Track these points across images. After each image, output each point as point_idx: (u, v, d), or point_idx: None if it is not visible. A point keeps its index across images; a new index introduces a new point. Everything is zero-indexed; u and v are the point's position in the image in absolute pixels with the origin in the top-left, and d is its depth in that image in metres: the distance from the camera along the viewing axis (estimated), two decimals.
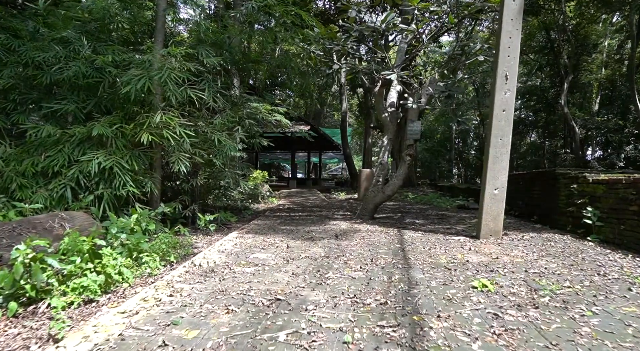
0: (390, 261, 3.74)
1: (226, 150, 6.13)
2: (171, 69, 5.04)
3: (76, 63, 5.06)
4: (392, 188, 7.32)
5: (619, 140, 19.44)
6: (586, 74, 21.07)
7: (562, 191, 5.53)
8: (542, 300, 2.48)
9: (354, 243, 4.84)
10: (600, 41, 19.94)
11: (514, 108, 5.08)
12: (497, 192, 5.05)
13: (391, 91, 7.80)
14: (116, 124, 4.86)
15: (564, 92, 18.12)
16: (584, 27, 18.30)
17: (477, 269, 3.34)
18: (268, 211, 8.99)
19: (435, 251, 4.29)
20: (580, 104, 22.83)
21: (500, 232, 5.05)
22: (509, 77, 5.02)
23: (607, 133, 19.75)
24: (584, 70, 20.66)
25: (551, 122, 23.29)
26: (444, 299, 2.57)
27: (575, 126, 18.66)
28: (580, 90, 21.92)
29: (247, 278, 3.13)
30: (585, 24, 18.12)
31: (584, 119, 20.54)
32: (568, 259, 3.65)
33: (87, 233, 3.86)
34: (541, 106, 22.50)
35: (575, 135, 18.83)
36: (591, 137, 22.05)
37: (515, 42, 5.02)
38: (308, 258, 3.94)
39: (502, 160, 5.05)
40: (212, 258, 3.88)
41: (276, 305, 2.48)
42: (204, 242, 5.22)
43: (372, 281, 3.04)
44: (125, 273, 3.10)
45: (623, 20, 18.21)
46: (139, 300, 2.54)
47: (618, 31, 19.51)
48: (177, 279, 3.06)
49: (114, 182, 4.67)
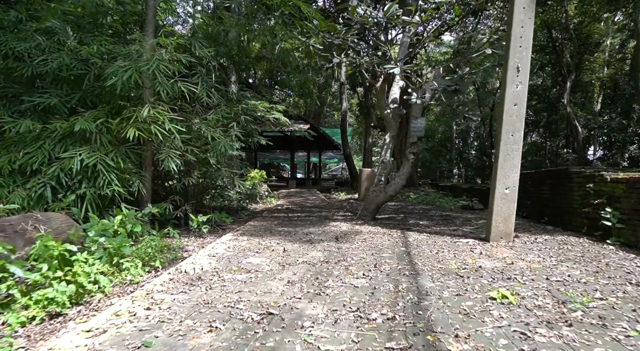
0: (395, 267, 3.42)
1: (220, 147, 5.82)
2: (160, 60, 4.72)
3: (60, 54, 4.74)
4: (395, 187, 7.00)
5: (623, 139, 19.20)
6: (588, 73, 20.82)
7: (576, 191, 5.21)
8: (573, 315, 2.16)
9: (356, 246, 4.52)
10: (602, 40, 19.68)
11: (526, 102, 4.77)
12: (508, 192, 4.73)
13: (393, 87, 7.48)
14: (101, 118, 4.54)
15: (566, 92, 17.84)
16: (587, 25, 18.04)
17: (493, 277, 3.02)
18: (266, 212, 8.67)
19: (444, 255, 3.97)
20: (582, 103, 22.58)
21: (512, 234, 4.74)
22: (521, 69, 4.70)
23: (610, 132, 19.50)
24: (585, 69, 20.41)
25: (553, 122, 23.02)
26: (460, 313, 2.25)
27: (578, 126, 18.39)
28: (582, 89, 21.67)
29: (237, 287, 2.81)
30: (588, 22, 17.86)
31: (587, 119, 20.27)
32: (591, 265, 3.33)
33: (65, 236, 3.55)
34: (543, 105, 22.23)
35: (578, 135, 18.56)
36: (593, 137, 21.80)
37: (527, 31, 4.70)
38: (306, 263, 3.62)
39: (514, 157, 4.73)
40: (201, 263, 3.56)
41: (268, 320, 2.16)
42: (195, 245, 4.90)
43: (376, 290, 2.72)
44: (102, 281, 2.79)
45: (625, 19, 17.98)
46: (110, 314, 2.22)
47: (620, 30, 19.26)
48: (159, 289, 2.73)
49: (97, 180, 4.35)
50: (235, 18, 7.19)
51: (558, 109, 21.51)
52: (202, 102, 6.09)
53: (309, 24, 6.79)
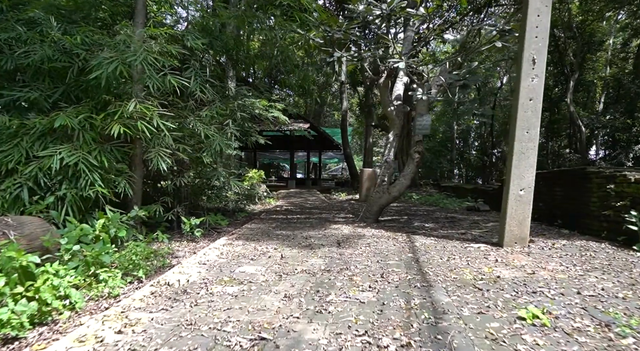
0: (404, 277, 3.09)
1: (215, 146, 5.48)
2: (149, 51, 4.38)
3: (42, 46, 4.41)
4: (399, 188, 6.66)
5: (627, 139, 18.91)
6: (591, 73, 20.56)
7: (594, 192, 4.87)
8: (624, 342, 1.82)
9: (359, 251, 4.18)
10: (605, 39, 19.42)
11: (542, 96, 4.43)
12: (523, 193, 4.40)
13: (397, 83, 7.14)
14: (84, 114, 4.19)
15: (569, 91, 17.55)
16: (590, 24, 17.75)
17: (516, 290, 2.68)
18: (264, 213, 8.33)
19: (456, 262, 3.63)
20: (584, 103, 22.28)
21: (527, 239, 4.40)
22: (537, 61, 4.36)
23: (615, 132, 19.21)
24: (588, 68, 20.14)
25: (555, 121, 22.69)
26: (487, 338, 1.91)
27: (581, 125, 18.10)
28: (584, 89, 21.40)
29: (227, 302, 2.47)
30: (591, 21, 17.56)
31: (590, 119, 19.98)
32: (622, 276, 3.00)
33: (39, 242, 3.21)
34: (545, 105, 21.90)
35: (582, 134, 18.28)
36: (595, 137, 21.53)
37: (544, 21, 4.36)
38: (305, 272, 3.28)
39: (529, 156, 4.40)
40: (189, 273, 3.22)
41: (260, 347, 1.82)
42: (187, 250, 4.56)
43: (386, 307, 2.38)
44: (73, 296, 2.45)
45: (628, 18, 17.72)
46: (73, 340, 1.88)
47: (623, 29, 19.00)
48: (137, 305, 2.39)
49: (79, 181, 4.00)
50: (232, 10, 6.85)
51: (560, 108, 21.20)
52: (195, 98, 5.75)
53: (309, 16, 6.45)
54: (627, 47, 19.63)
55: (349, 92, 22.20)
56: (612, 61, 20.38)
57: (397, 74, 7.06)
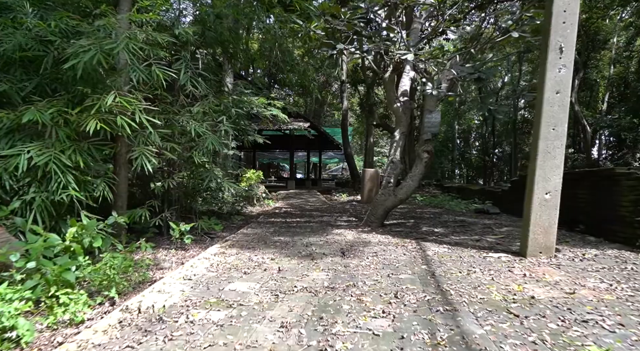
0: (422, 297, 2.63)
1: (208, 144, 5.03)
2: (131, 39, 3.93)
3: (14, 33, 3.95)
4: (406, 190, 6.20)
5: (634, 139, 18.52)
6: (595, 72, 20.18)
7: (625, 196, 4.42)
8: None
9: (366, 263, 3.72)
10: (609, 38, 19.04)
11: (570, 89, 3.98)
12: (549, 197, 3.94)
13: (403, 78, 6.67)
14: (56, 107, 3.73)
15: (574, 90, 17.14)
16: (595, 22, 17.35)
17: (560, 317, 2.22)
18: (262, 216, 7.86)
19: (478, 277, 3.17)
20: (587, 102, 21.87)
21: (553, 248, 3.94)
22: (564, 49, 3.91)
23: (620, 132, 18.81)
24: (592, 67, 19.75)
25: None
26: None
27: (586, 125, 17.70)
28: (588, 88, 21.01)
29: (210, 335, 2.01)
30: (596, 19, 17.15)
31: (594, 118, 19.58)
32: None
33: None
34: None
35: (587, 134, 17.88)
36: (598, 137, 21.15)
37: (572, 4, 3.91)
38: (306, 290, 2.82)
39: (556, 156, 3.94)
40: (170, 292, 2.75)
41: None
42: (174, 260, 4.10)
43: (406, 342, 1.92)
44: (20, 327, 1.99)
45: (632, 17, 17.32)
46: None
47: (626, 28, 18.62)
48: (97, 340, 1.93)
49: (50, 183, 3.54)
50: None
51: None
52: (187, 93, 5.29)
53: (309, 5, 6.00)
54: (631, 46, 19.25)
55: (350, 91, 21.74)
56: (616, 59, 20.00)
57: (404, 68, 6.61)
